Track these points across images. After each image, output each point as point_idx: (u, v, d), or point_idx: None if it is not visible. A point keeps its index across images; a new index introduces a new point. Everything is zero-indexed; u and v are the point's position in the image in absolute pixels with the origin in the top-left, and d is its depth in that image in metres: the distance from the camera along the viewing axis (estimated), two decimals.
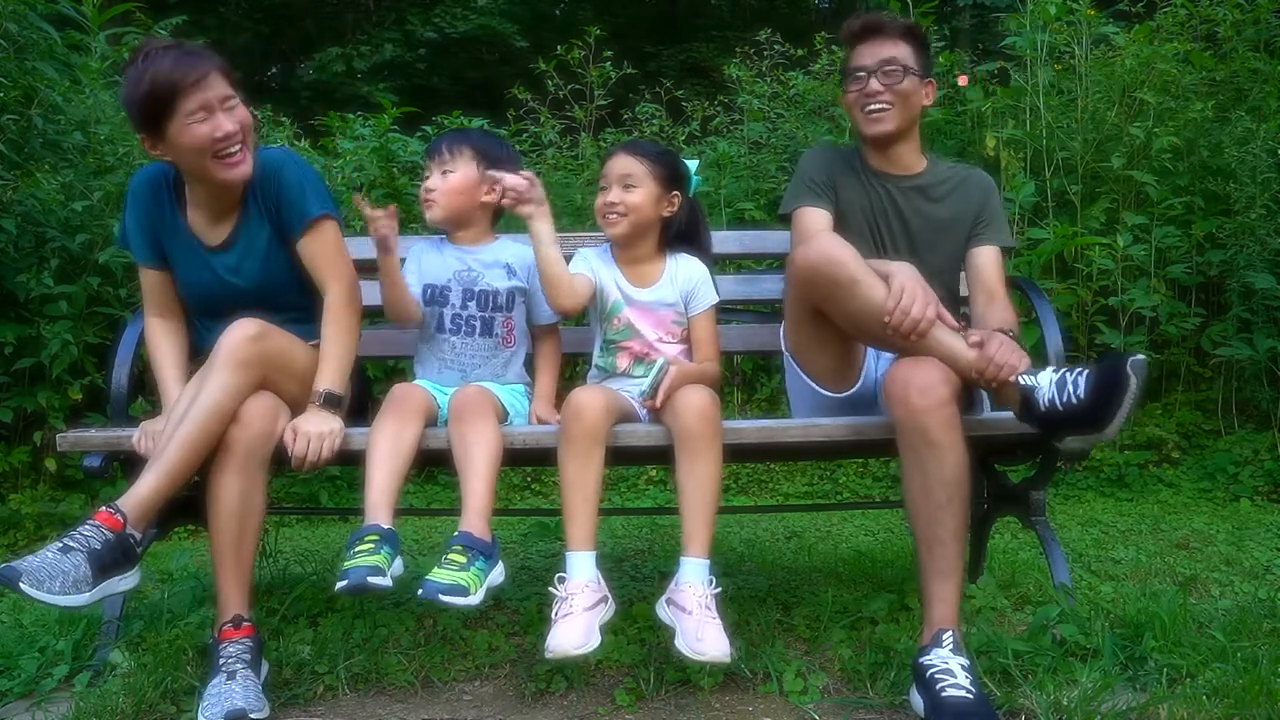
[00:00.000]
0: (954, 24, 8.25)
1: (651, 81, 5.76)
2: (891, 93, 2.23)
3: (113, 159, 4.05)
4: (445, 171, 2.22)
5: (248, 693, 1.75)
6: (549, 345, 2.34)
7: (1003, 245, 2.32)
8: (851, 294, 1.90)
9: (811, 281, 1.97)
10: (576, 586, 1.79)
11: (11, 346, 3.61)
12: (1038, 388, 1.80)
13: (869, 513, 3.79)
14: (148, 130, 1.97)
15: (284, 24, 12.30)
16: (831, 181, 2.29)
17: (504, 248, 2.30)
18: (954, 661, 1.69)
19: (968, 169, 2.42)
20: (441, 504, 4.20)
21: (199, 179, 2.05)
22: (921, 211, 2.30)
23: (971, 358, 1.86)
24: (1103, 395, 1.72)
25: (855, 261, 1.92)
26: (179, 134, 1.94)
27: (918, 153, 2.35)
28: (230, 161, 1.99)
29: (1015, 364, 1.84)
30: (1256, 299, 3.93)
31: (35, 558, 1.65)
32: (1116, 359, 1.73)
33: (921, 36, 2.30)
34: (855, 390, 2.15)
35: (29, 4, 3.77)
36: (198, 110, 1.93)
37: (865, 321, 1.92)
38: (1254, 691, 1.69)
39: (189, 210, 2.13)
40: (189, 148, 1.96)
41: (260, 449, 1.88)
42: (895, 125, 2.25)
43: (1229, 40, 4.54)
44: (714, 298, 2.26)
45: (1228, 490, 3.82)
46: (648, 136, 5.48)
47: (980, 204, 2.33)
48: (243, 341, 1.88)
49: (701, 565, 1.83)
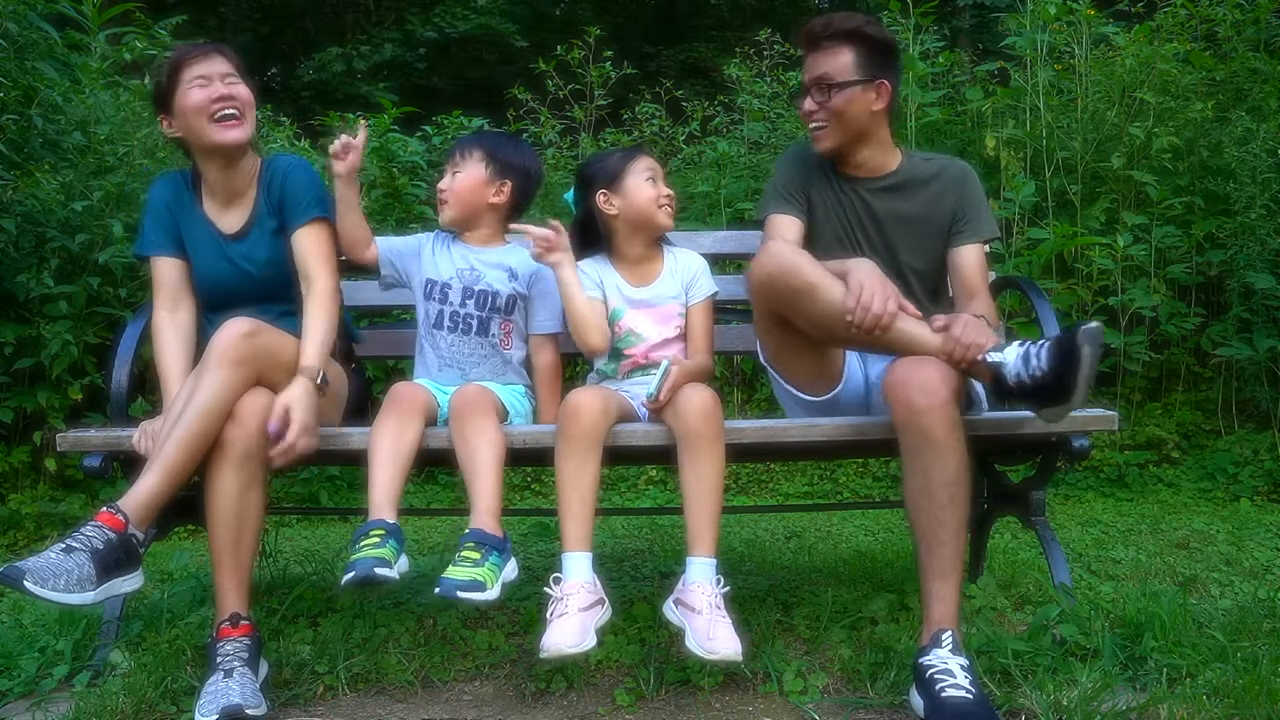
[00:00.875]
0: (954, 24, 8.25)
1: (651, 81, 5.76)
2: (825, 110, 2.19)
3: (113, 159, 4.05)
4: (455, 173, 2.27)
5: (244, 690, 1.75)
6: (546, 359, 2.29)
7: (985, 238, 2.28)
8: (812, 299, 1.90)
9: (771, 291, 1.97)
10: (572, 587, 1.79)
11: (11, 346, 3.61)
12: (1005, 363, 1.81)
13: (869, 513, 3.79)
14: (162, 105, 2.16)
15: (284, 24, 12.29)
16: (804, 188, 2.28)
17: (511, 252, 2.31)
18: (954, 661, 1.69)
19: (944, 159, 2.35)
20: (441, 504, 4.21)
21: (203, 150, 2.17)
22: (895, 211, 2.26)
23: (938, 343, 1.86)
24: (1063, 365, 1.74)
25: (810, 266, 1.93)
26: (182, 99, 2.12)
27: (887, 152, 2.28)
28: (228, 124, 2.13)
29: (981, 342, 1.84)
30: (1256, 299, 3.93)
31: (38, 558, 1.66)
32: (1072, 329, 1.75)
33: (870, 36, 2.18)
34: (836, 392, 2.15)
35: (29, 4, 3.77)
36: (198, 78, 2.12)
37: (829, 324, 1.92)
38: (1254, 691, 1.69)
39: (204, 201, 2.25)
40: (189, 109, 2.11)
41: (257, 447, 1.88)
42: (834, 142, 2.22)
43: (1229, 40, 4.55)
44: (712, 288, 2.29)
45: (1228, 490, 3.82)
46: (648, 137, 5.49)
47: (959, 197, 2.26)
48: (235, 339, 1.89)
49: (709, 564, 1.83)
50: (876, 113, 2.22)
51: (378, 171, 4.68)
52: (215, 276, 2.22)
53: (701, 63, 10.97)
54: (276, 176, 2.21)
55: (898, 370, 1.86)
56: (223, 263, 2.21)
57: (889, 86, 2.20)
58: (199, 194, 2.26)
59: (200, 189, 2.26)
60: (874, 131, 2.24)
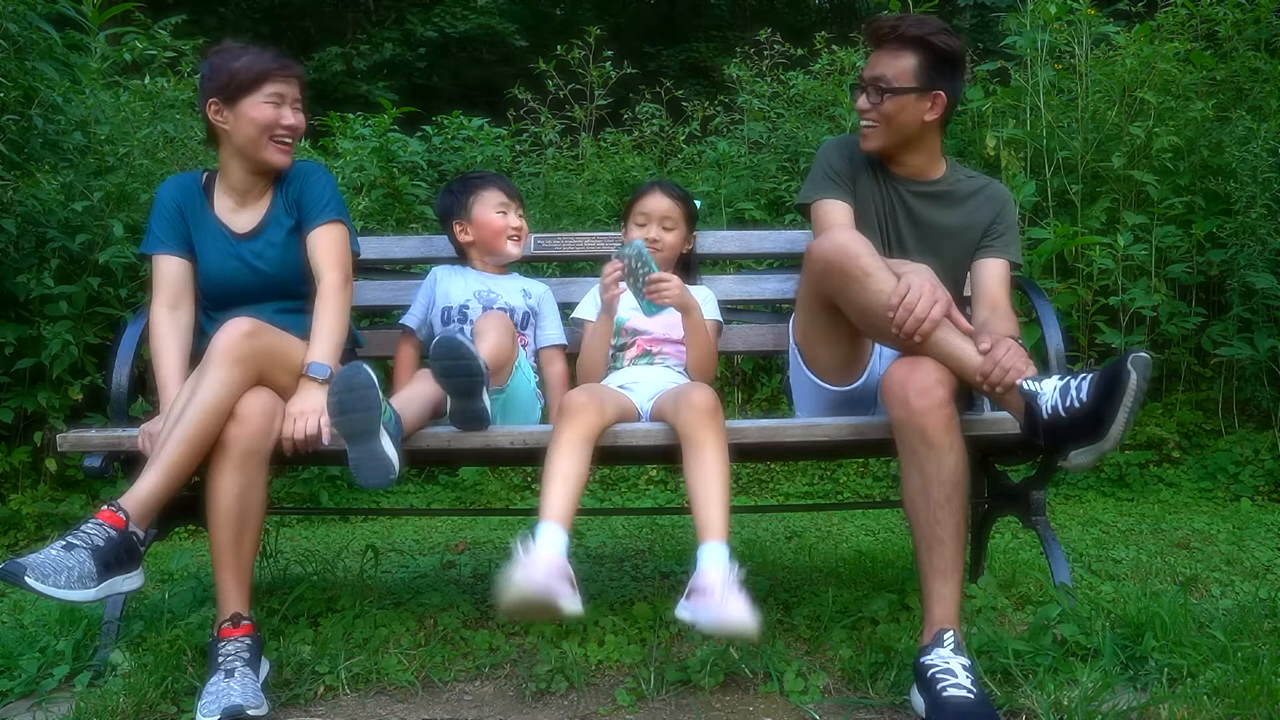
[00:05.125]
0: (954, 24, 8.25)
1: (651, 81, 5.76)
2: (876, 112, 2.18)
3: (113, 159, 4.05)
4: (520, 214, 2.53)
5: (245, 690, 1.75)
6: (558, 370, 2.46)
7: (1011, 260, 2.28)
8: (863, 287, 1.89)
9: (825, 273, 1.95)
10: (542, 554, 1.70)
11: (11, 347, 3.61)
12: (1040, 394, 1.77)
13: (869, 512, 3.79)
14: (224, 96, 2.18)
15: (284, 24, 12.28)
16: (852, 174, 2.26)
17: (521, 280, 2.56)
18: (955, 661, 1.69)
19: (988, 179, 2.36)
20: (441, 504, 4.21)
21: (244, 157, 2.23)
22: (933, 217, 2.27)
23: (978, 363, 1.84)
24: (1104, 395, 1.67)
25: (870, 256, 1.90)
26: (252, 108, 2.17)
27: (934, 160, 2.28)
28: (281, 148, 2.23)
29: (1021, 368, 1.82)
30: (1257, 298, 3.92)
31: (39, 554, 1.66)
32: (1119, 358, 1.68)
33: (935, 46, 2.12)
34: (858, 385, 2.14)
35: (29, 4, 3.77)
36: (274, 94, 2.19)
37: (873, 317, 1.90)
38: (1254, 691, 1.69)
39: (216, 202, 2.30)
40: (255, 122, 2.17)
41: (258, 446, 1.88)
42: (879, 144, 2.22)
43: (1229, 40, 4.54)
44: (716, 316, 2.44)
45: (1228, 490, 3.82)
46: (648, 138, 5.48)
47: (993, 216, 2.28)
48: (237, 338, 1.90)
49: (721, 547, 1.77)
50: (929, 123, 2.19)
51: (378, 171, 4.68)
52: (224, 274, 2.25)
53: (701, 63, 10.96)
54: (296, 179, 2.28)
55: (895, 371, 1.86)
56: (233, 261, 2.24)
57: (945, 98, 2.16)
58: (210, 195, 2.30)
59: (212, 191, 2.30)
60: (924, 139, 2.23)
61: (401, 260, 2.82)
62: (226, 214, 2.28)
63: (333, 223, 2.25)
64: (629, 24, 12.37)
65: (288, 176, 2.29)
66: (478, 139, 5.19)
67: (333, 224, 2.25)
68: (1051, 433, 1.75)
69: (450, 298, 2.43)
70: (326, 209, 2.26)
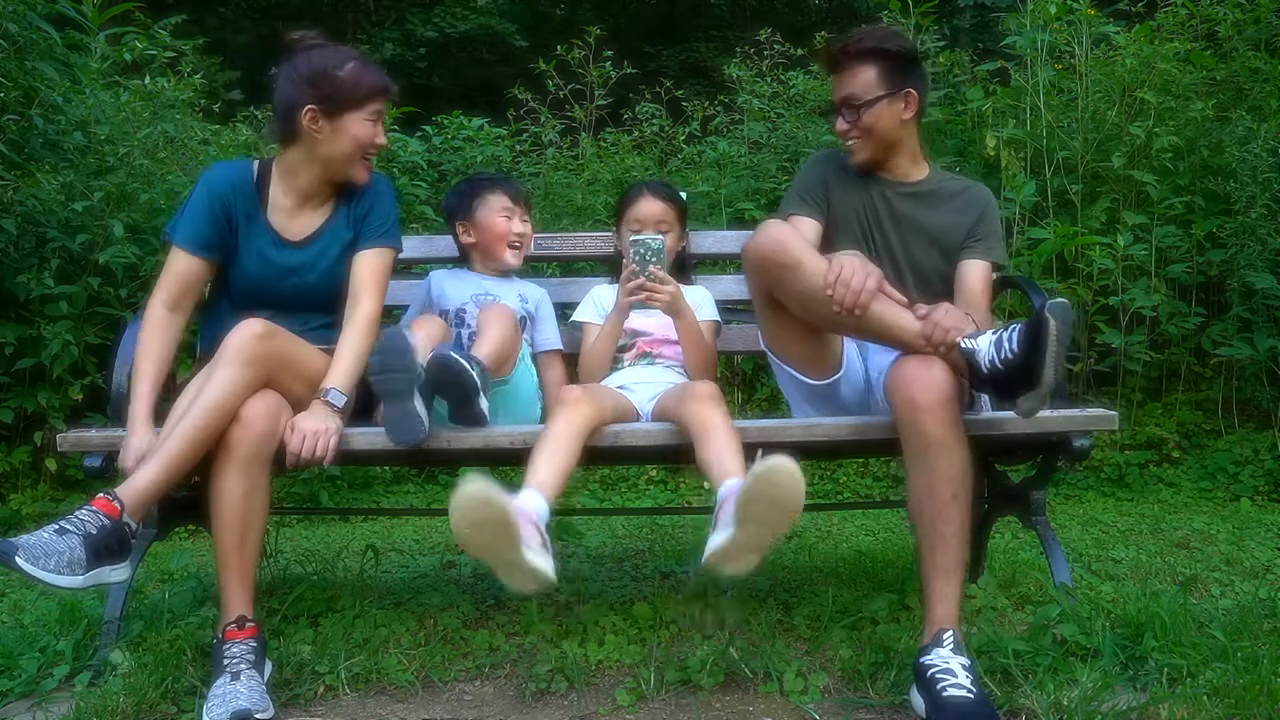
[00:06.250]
0: (954, 24, 8.24)
1: (651, 81, 5.76)
2: (856, 128, 2.26)
3: (113, 159, 4.05)
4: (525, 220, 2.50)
5: (252, 693, 1.74)
6: (556, 374, 2.45)
7: (994, 262, 2.32)
8: (797, 275, 1.91)
9: (762, 268, 1.98)
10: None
11: (12, 347, 3.61)
12: (978, 350, 1.81)
13: (869, 512, 3.79)
14: (327, 107, 2.11)
15: (284, 24, 12.29)
16: (825, 190, 2.33)
17: (519, 283, 2.54)
18: (955, 661, 1.69)
19: (971, 182, 2.42)
20: (441, 504, 4.20)
21: (327, 167, 2.18)
22: (915, 218, 2.31)
23: (917, 327, 1.87)
24: (1031, 345, 1.73)
25: (800, 245, 1.95)
26: (354, 124, 2.13)
27: (916, 161, 2.35)
28: (367, 166, 2.22)
29: (960, 326, 1.85)
30: (1257, 298, 3.93)
31: (31, 536, 1.66)
32: (1039, 308, 1.74)
33: (890, 51, 2.23)
34: (836, 379, 2.15)
35: (29, 4, 3.77)
36: (375, 113, 2.17)
37: (812, 302, 1.92)
38: (1254, 691, 1.69)
39: (270, 205, 2.23)
40: (354, 138, 2.14)
41: (262, 449, 1.88)
42: (868, 155, 2.30)
43: (1229, 40, 4.54)
44: (714, 316, 2.44)
45: (1228, 490, 3.82)
46: (648, 137, 5.49)
47: (977, 218, 2.32)
48: (249, 339, 1.89)
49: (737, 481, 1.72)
50: (906, 121, 2.27)
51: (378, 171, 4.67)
52: (263, 279, 2.19)
53: (701, 63, 10.96)
54: (369, 194, 2.25)
55: (899, 369, 1.87)
56: (275, 268, 2.19)
57: (915, 94, 2.26)
58: (263, 198, 2.22)
59: (266, 187, 2.22)
60: (904, 140, 2.31)
61: (402, 260, 2.81)
62: (280, 216, 2.22)
63: (387, 248, 2.23)
64: (629, 24, 12.37)
65: (360, 189, 2.25)
66: (478, 139, 5.19)
67: (387, 249, 2.22)
68: (994, 384, 1.82)
69: (448, 300, 2.43)
70: (388, 233, 2.23)
